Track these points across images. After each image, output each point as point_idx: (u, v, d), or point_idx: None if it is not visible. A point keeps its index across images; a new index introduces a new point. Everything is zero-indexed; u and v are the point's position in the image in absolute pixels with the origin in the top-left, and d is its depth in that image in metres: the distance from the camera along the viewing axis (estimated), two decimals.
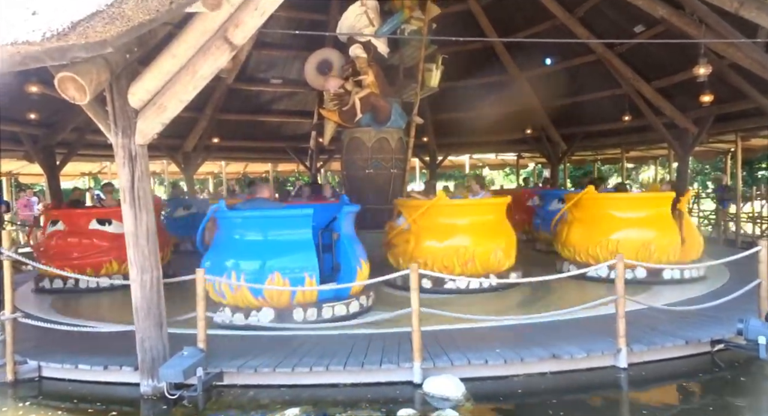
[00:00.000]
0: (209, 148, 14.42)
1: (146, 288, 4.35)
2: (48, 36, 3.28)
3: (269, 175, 20.99)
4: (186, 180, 14.66)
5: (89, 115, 4.34)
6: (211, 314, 4.70)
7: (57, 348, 4.85)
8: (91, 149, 11.71)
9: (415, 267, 4.57)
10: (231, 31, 4.17)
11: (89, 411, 4.00)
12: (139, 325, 4.33)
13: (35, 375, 4.58)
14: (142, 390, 4.21)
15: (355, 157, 8.97)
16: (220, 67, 4.46)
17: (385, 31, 8.76)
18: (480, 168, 21.53)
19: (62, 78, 3.75)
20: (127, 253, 4.37)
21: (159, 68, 4.23)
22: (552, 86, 12.69)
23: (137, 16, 3.53)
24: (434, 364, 4.32)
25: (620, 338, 4.47)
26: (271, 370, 4.33)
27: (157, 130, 4.43)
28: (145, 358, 4.28)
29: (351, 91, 8.49)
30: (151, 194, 4.57)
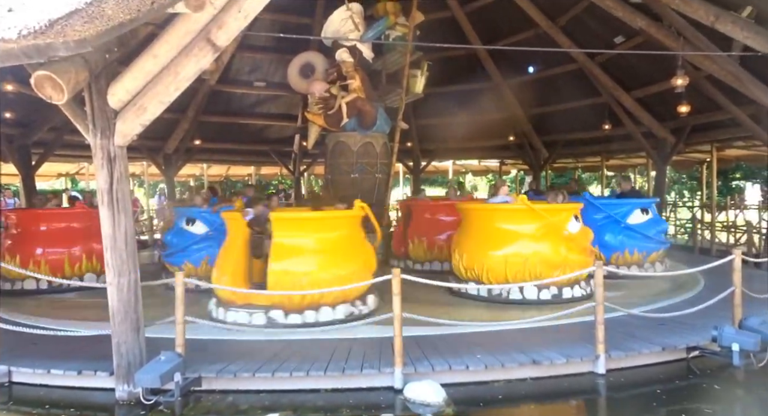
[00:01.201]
0: (191, 150, 14.27)
1: (123, 291, 4.27)
2: (24, 34, 3.21)
3: (251, 178, 20.81)
4: (166, 182, 14.45)
5: (67, 115, 4.26)
6: (190, 318, 4.62)
7: (29, 352, 4.72)
8: (69, 149, 11.47)
9: (397, 272, 4.57)
10: (214, 33, 4.14)
11: None
12: (115, 329, 4.24)
13: (5, 381, 4.44)
14: (117, 395, 4.13)
15: (340, 161, 8.96)
16: (203, 69, 4.43)
17: (370, 37, 8.79)
18: (463, 174, 21.66)
19: (39, 77, 3.66)
20: (104, 256, 4.29)
21: (140, 69, 4.17)
22: (534, 94, 12.86)
23: (117, 16, 3.48)
24: (415, 369, 4.31)
25: (599, 344, 4.52)
26: (251, 375, 4.28)
27: (137, 132, 4.37)
28: (121, 363, 4.19)
29: (337, 95, 8.48)
30: (129, 196, 4.51)
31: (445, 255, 7.80)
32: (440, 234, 8.50)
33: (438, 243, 8.51)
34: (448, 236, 7.83)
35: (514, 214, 6.64)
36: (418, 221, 8.89)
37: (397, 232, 9.47)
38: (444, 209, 8.70)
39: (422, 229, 8.74)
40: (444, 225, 8.50)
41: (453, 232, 7.53)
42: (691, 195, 21.91)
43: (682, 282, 7.32)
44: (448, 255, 7.28)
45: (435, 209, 8.95)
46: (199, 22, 4.12)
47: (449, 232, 7.95)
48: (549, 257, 6.35)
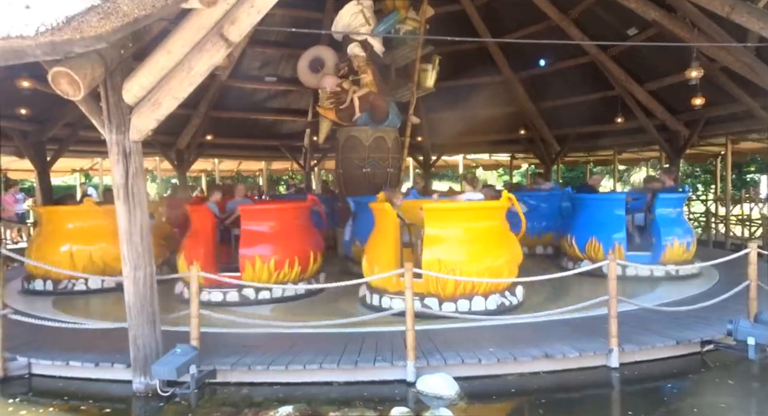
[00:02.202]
0: (203, 146, 14.35)
1: (139, 285, 4.33)
2: (41, 30, 3.25)
3: (263, 173, 20.92)
4: (179, 177, 14.57)
5: (83, 110, 4.30)
6: (204, 311, 4.68)
7: (48, 345, 4.81)
8: (83, 145, 11.60)
9: (409, 267, 4.58)
10: (227, 28, 4.16)
11: (81, 409, 3.97)
12: (132, 322, 4.31)
13: (25, 372, 4.54)
14: (134, 387, 4.20)
15: (352, 155, 8.96)
16: (216, 64, 4.44)
17: (381, 31, 8.76)
18: (474, 168, 21.58)
19: (56, 73, 3.72)
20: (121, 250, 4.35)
21: (154, 64, 4.21)
22: (545, 87, 12.76)
23: (133, 12, 3.50)
24: (428, 363, 4.33)
25: (612, 338, 4.51)
26: (265, 368, 4.33)
27: (151, 127, 4.41)
28: (138, 356, 4.25)
29: (348, 90, 8.48)
30: (144, 191, 4.55)
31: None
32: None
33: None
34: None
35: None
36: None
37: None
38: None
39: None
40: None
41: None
42: (705, 188, 21.64)
43: (695, 276, 7.27)
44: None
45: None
46: (212, 18, 4.15)
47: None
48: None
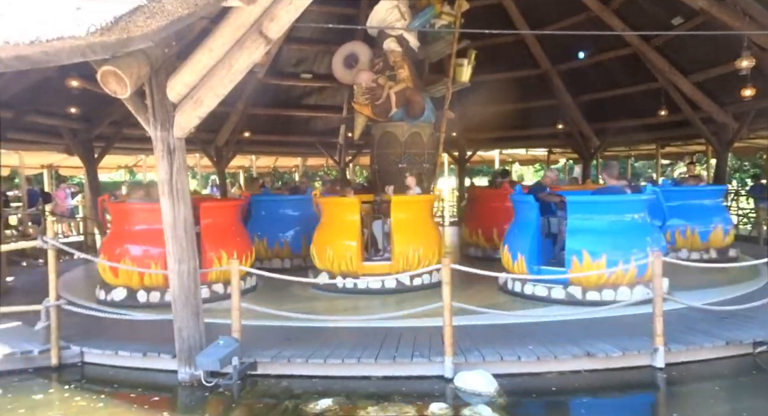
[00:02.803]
0: (240, 142, 14.61)
1: (183, 277, 4.45)
2: (92, 30, 3.37)
3: (298, 169, 21.17)
4: (218, 173, 14.90)
5: (129, 108, 4.44)
6: (246, 304, 4.77)
7: (99, 335, 5.02)
8: (128, 142, 12.00)
9: (446, 262, 4.55)
10: (266, 25, 4.21)
11: (130, 396, 4.13)
12: (176, 314, 4.43)
13: (78, 361, 4.75)
14: (179, 377, 4.32)
15: (388, 151, 8.95)
16: (255, 61, 4.51)
17: (416, 26, 8.69)
18: (510, 163, 21.25)
19: (104, 72, 3.85)
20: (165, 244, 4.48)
21: (196, 62, 4.30)
22: (585, 80, 12.41)
23: (176, 10, 3.59)
24: (466, 359, 4.30)
25: (657, 337, 4.36)
26: (304, 361, 4.39)
27: (194, 124, 4.52)
28: (183, 347, 4.38)
29: (384, 85, 8.46)
30: (188, 187, 4.66)
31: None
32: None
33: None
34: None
35: None
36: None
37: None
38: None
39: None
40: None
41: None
42: (754, 183, 20.63)
43: (743, 274, 6.94)
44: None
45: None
46: (251, 15, 4.21)
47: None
48: None
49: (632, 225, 5.97)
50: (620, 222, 5.95)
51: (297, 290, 7.00)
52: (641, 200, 6.14)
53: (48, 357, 4.62)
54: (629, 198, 6.17)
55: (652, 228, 6.18)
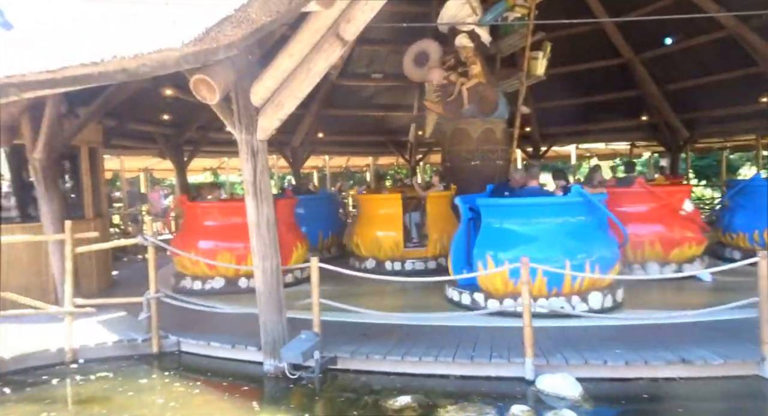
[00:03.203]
0: (314, 143, 15.05)
1: (267, 274, 4.65)
2: (186, 42, 3.61)
3: (370, 169, 21.47)
4: (293, 174, 15.45)
5: (217, 113, 4.69)
6: (324, 300, 4.91)
7: (193, 326, 5.37)
8: (212, 146, 12.75)
9: (525, 261, 4.43)
10: (343, 28, 4.31)
11: (222, 385, 4.39)
12: (261, 308, 4.65)
13: (176, 349, 5.11)
14: (265, 368, 4.52)
15: (460, 148, 8.85)
16: (332, 63, 4.64)
17: (489, 20, 8.51)
18: (588, 158, 20.28)
19: (196, 80, 4.10)
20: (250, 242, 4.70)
21: (277, 67, 4.47)
22: (672, 68, 11.57)
23: (260, 18, 3.76)
24: (547, 362, 4.17)
25: (765, 345, 3.98)
26: (382, 358, 4.44)
27: (275, 126, 4.70)
28: (267, 339, 4.58)
29: (456, 82, 8.38)
30: (270, 187, 4.86)
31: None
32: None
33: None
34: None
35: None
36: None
37: None
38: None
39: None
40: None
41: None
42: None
43: None
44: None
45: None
46: (328, 19, 4.31)
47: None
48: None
49: (553, 230, 5.29)
50: (536, 227, 5.33)
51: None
52: (560, 203, 5.46)
53: (150, 345, 5.02)
54: (541, 201, 5.58)
55: (592, 234, 5.41)
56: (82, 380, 4.58)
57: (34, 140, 5.92)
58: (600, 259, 5.23)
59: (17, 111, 5.50)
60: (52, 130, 5.89)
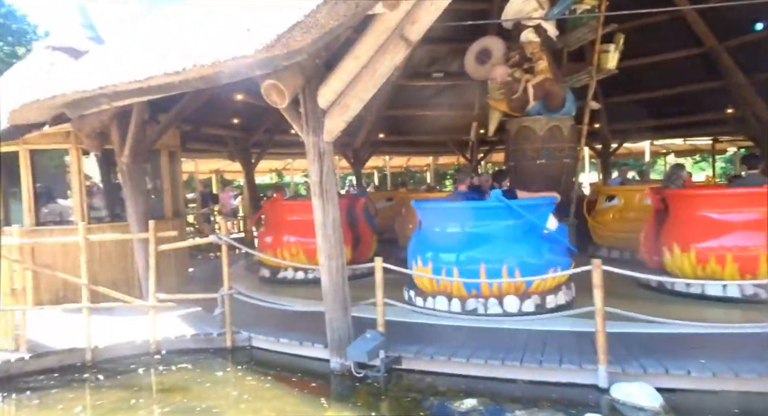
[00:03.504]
0: (375, 144, 15.21)
1: (332, 273, 4.75)
2: (258, 48, 3.75)
3: (430, 168, 21.41)
4: (355, 174, 15.68)
5: (286, 117, 4.84)
6: (388, 300, 4.95)
7: (263, 322, 5.58)
8: (278, 148, 13.20)
9: (597, 263, 4.24)
10: (407, 28, 4.33)
11: (291, 380, 4.53)
12: (327, 307, 4.75)
13: (247, 344, 5.33)
14: (331, 366, 4.62)
15: (525, 146, 8.63)
16: (397, 64, 4.67)
17: (556, 14, 8.23)
18: (664, 155, 19.15)
19: (267, 85, 4.26)
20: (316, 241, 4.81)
21: (343, 70, 4.55)
22: (763, 55, 10.67)
23: (328, 23, 3.85)
24: (623, 370, 3.97)
25: None
26: (447, 359, 4.41)
27: (341, 128, 4.78)
28: (333, 337, 4.68)
29: (521, 79, 8.18)
30: (336, 188, 4.95)
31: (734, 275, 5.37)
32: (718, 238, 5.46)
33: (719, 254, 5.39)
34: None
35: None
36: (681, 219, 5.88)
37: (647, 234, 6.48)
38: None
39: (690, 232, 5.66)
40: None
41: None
42: None
43: None
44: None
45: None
46: (393, 20, 4.34)
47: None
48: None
49: (473, 234, 5.18)
50: (455, 230, 5.28)
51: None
52: (480, 208, 5.33)
53: (224, 339, 5.28)
54: (454, 206, 5.49)
55: (515, 239, 5.14)
56: (165, 370, 4.89)
57: (121, 145, 6.37)
58: (521, 264, 5.05)
59: (107, 118, 5.94)
60: (136, 135, 6.33)
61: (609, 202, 8.31)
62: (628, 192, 8.19)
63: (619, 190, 8.42)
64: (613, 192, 8.43)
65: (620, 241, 7.76)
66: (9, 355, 4.87)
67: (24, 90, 5.87)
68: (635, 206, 7.86)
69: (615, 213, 8.11)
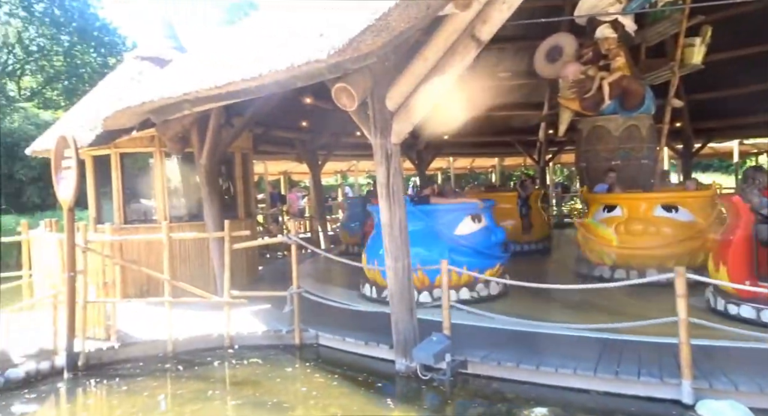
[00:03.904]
0: (440, 145, 15.10)
1: (399, 274, 4.75)
2: (330, 53, 3.83)
3: (495, 170, 21.01)
4: (419, 176, 15.66)
5: (354, 119, 4.91)
6: (454, 303, 4.89)
7: (330, 321, 5.69)
8: (343, 150, 13.43)
9: (681, 271, 3.97)
10: (478, 28, 4.26)
11: (358, 379, 4.58)
12: (393, 308, 4.76)
13: (314, 342, 5.46)
14: (396, 367, 4.62)
15: (598, 147, 8.26)
16: (467, 65, 4.59)
17: (635, 8, 7.82)
18: (755, 155, 17.65)
19: (338, 89, 4.33)
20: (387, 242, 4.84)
21: (412, 72, 4.56)
22: None
23: (399, 25, 3.86)
24: (710, 386, 3.69)
25: None
26: (515, 366, 4.30)
27: (408, 130, 4.79)
28: (399, 339, 4.68)
29: (595, 76, 7.84)
30: (402, 189, 4.96)
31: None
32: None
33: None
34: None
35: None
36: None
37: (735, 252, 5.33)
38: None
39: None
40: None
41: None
42: None
43: None
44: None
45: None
46: (464, 21, 4.30)
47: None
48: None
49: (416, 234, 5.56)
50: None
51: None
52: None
53: (292, 336, 5.44)
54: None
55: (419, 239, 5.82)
56: (238, 364, 5.11)
57: (200, 148, 6.74)
58: (422, 261, 5.79)
59: (188, 123, 6.30)
60: (214, 138, 6.67)
61: (608, 213, 7.15)
62: (632, 201, 7.11)
63: (620, 199, 7.24)
64: (613, 201, 7.25)
65: (627, 259, 6.86)
66: (101, 344, 5.28)
67: (116, 98, 6.36)
68: (642, 217, 6.90)
69: (619, 226, 6.96)
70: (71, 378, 4.83)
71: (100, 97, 7.67)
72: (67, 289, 5.01)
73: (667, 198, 6.98)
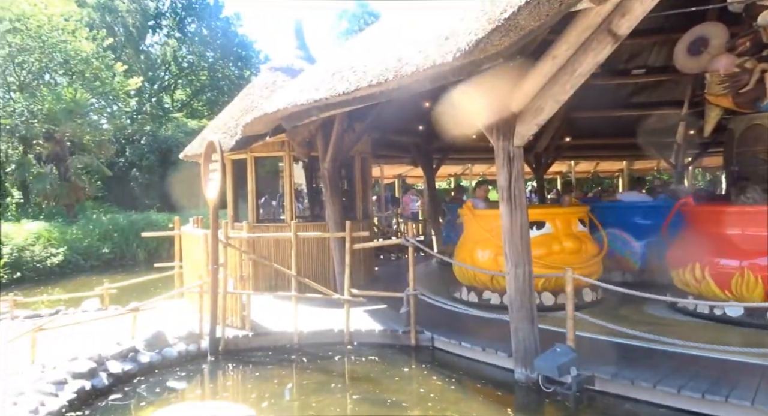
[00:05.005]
0: (560, 148, 14.36)
1: (519, 281, 4.59)
2: (456, 55, 3.82)
3: (623, 174, 19.48)
4: (536, 180, 15.03)
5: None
6: (580, 315, 4.60)
7: (446, 325, 5.68)
8: (458, 153, 13.31)
9: None
10: (616, 22, 3.98)
11: (476, 386, 4.51)
12: (513, 315, 4.61)
13: (429, 344, 5.48)
14: (516, 376, 4.47)
15: (755, 149, 7.25)
16: (600, 62, 4.32)
17: None
18: None
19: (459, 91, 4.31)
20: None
21: (539, 72, 4.37)
22: None
23: (528, 24, 3.72)
24: None
25: None
26: (651, 386, 3.93)
27: (532, 132, 4.62)
28: (519, 347, 4.52)
29: (754, 69, 6.90)
30: (524, 193, 4.79)
31: None
32: None
33: None
34: None
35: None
36: None
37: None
38: None
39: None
40: None
41: None
42: None
43: None
44: None
45: None
46: (599, 15, 4.04)
47: None
48: None
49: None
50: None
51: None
52: None
53: (408, 337, 5.50)
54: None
55: None
56: (357, 360, 5.29)
57: (324, 152, 7.11)
58: None
59: (314, 128, 6.70)
60: (337, 143, 7.00)
61: (536, 231, 6.19)
62: (560, 215, 6.59)
63: (548, 215, 6.57)
64: (539, 216, 6.45)
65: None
66: (237, 332, 5.78)
67: (252, 106, 6.96)
68: (571, 233, 6.45)
69: (551, 244, 6.23)
70: (213, 361, 5.36)
71: (238, 106, 8.45)
72: (211, 280, 5.56)
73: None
